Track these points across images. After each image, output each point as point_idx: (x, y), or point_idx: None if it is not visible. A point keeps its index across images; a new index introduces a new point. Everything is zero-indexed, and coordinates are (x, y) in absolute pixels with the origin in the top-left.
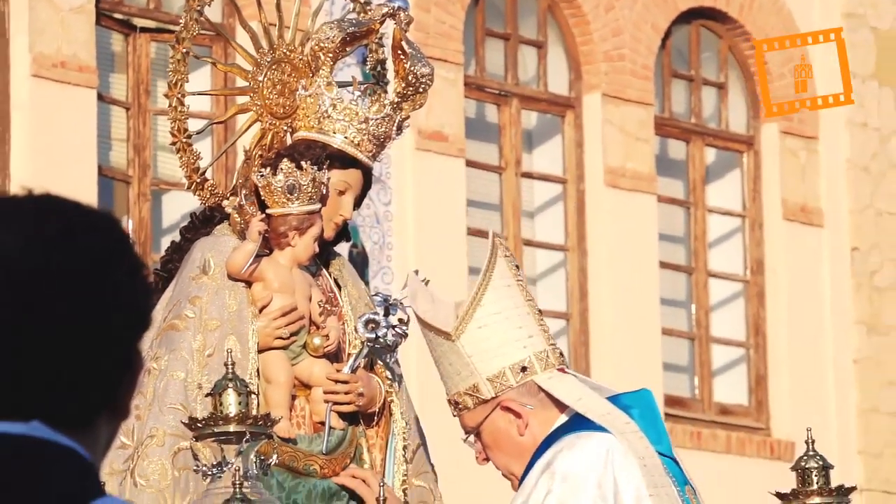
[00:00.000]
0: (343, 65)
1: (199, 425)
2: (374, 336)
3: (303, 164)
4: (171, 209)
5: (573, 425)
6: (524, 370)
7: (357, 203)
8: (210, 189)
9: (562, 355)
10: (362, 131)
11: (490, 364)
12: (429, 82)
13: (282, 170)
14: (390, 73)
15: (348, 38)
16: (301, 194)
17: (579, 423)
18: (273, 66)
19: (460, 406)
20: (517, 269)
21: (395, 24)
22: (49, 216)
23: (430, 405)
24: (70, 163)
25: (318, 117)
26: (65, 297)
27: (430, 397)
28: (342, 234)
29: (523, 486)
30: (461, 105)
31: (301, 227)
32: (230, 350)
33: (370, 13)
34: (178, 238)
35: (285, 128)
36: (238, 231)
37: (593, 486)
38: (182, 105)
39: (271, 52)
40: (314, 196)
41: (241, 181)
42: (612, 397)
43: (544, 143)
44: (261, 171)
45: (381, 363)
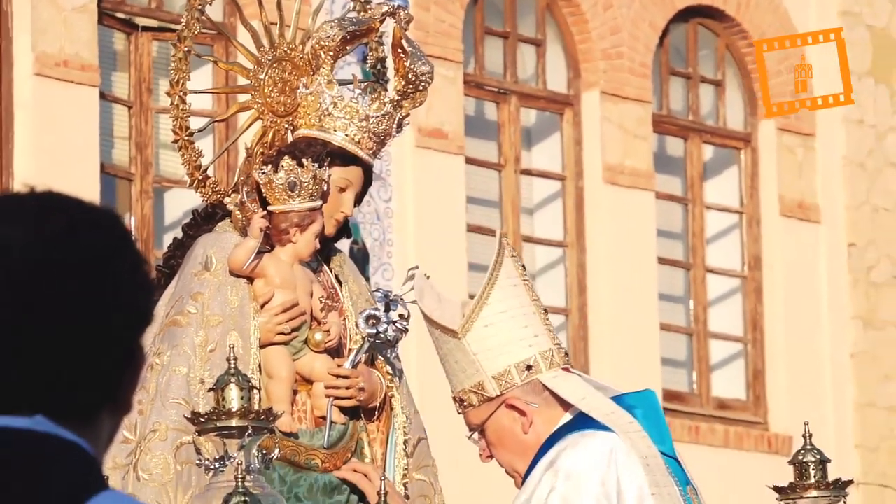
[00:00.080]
0: (343, 63)
1: (202, 420)
2: (374, 331)
3: (304, 161)
4: (173, 206)
5: (577, 424)
6: (529, 369)
7: (358, 200)
8: (212, 186)
9: (566, 355)
10: (363, 129)
11: (495, 362)
12: (428, 80)
13: (283, 167)
14: (390, 72)
15: (349, 37)
16: (302, 191)
17: (583, 421)
18: (274, 65)
19: (465, 403)
20: (523, 269)
21: (395, 22)
22: (52, 213)
23: (430, 400)
24: (73, 161)
25: (319, 115)
26: (67, 294)
27: (431, 392)
28: (343, 230)
29: (527, 484)
30: (461, 103)
31: (302, 223)
32: (232, 345)
33: (370, 12)
34: (180, 235)
35: (286, 125)
36: (240, 228)
37: (596, 485)
38: (184, 103)
39: (272, 50)
40: (315, 193)
41: (242, 178)
42: (616, 397)
43: (543, 141)
44: (262, 169)
45: (382, 358)
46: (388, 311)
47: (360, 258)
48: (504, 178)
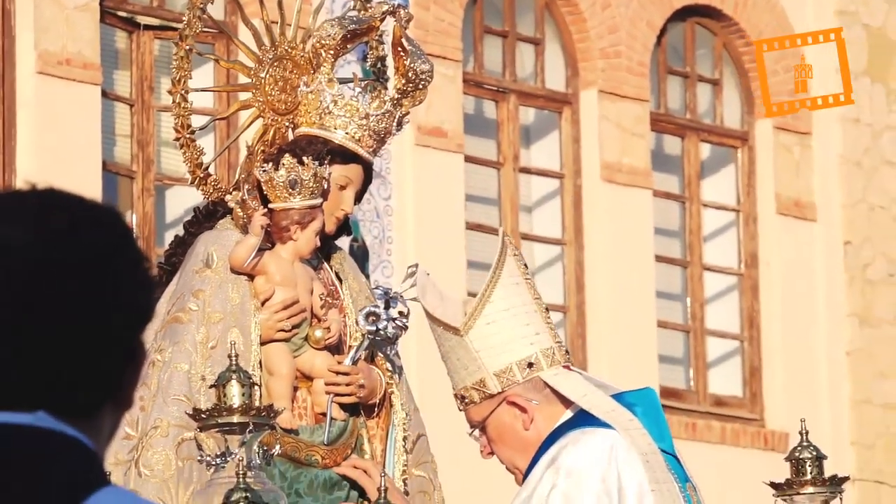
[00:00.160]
0: (344, 61)
1: (204, 416)
2: (374, 328)
3: (304, 159)
4: (174, 204)
5: (578, 421)
6: (531, 366)
7: (358, 198)
8: (213, 184)
9: (567, 353)
10: (363, 127)
11: (497, 359)
12: (428, 79)
13: (284, 165)
14: (390, 70)
15: (349, 36)
16: (303, 189)
17: (584, 419)
18: (275, 63)
19: (466, 400)
20: (525, 268)
21: (395, 21)
22: (53, 211)
23: (430, 397)
24: (75, 159)
25: (320, 113)
26: (69, 291)
27: (430, 389)
28: (343, 228)
29: (528, 480)
30: (460, 101)
31: (303, 221)
32: (233, 342)
33: (370, 11)
34: (181, 232)
35: (287, 124)
36: (241, 225)
37: (597, 481)
38: (185, 101)
39: (273, 49)
40: (315, 191)
41: (243, 176)
42: (616, 395)
43: (542, 139)
44: (263, 167)
45: (382, 355)
46: (387, 308)
47: (360, 256)
48: (503, 176)
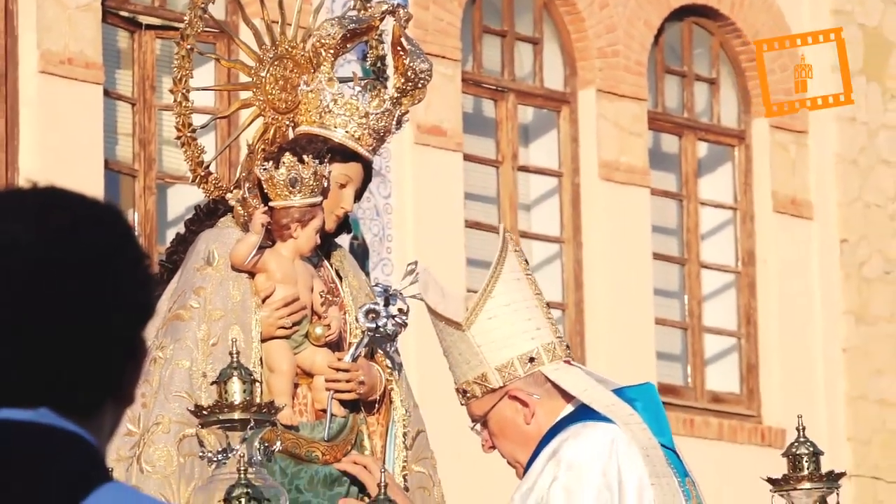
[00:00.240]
0: (344, 61)
1: (205, 413)
2: (374, 325)
3: (304, 157)
4: (175, 202)
5: (578, 415)
6: (532, 361)
7: (358, 196)
8: (214, 182)
9: (568, 347)
10: (363, 126)
11: (499, 354)
12: (427, 78)
13: (284, 163)
14: (390, 69)
15: (349, 35)
16: (303, 187)
17: (584, 413)
18: (275, 63)
19: (468, 395)
20: (526, 264)
21: (394, 21)
22: (54, 209)
23: (429, 393)
24: (77, 157)
25: (320, 112)
26: (70, 289)
27: (430, 385)
28: (343, 226)
29: (529, 473)
30: (459, 100)
31: (303, 219)
32: (234, 339)
33: (370, 10)
34: (182, 230)
35: (287, 122)
36: (241, 223)
37: (598, 475)
38: (186, 100)
39: (274, 48)
40: (316, 189)
41: (244, 174)
42: (617, 390)
43: (540, 138)
44: (263, 165)
45: (382, 352)
46: (387, 305)
47: (360, 253)
48: (502, 174)
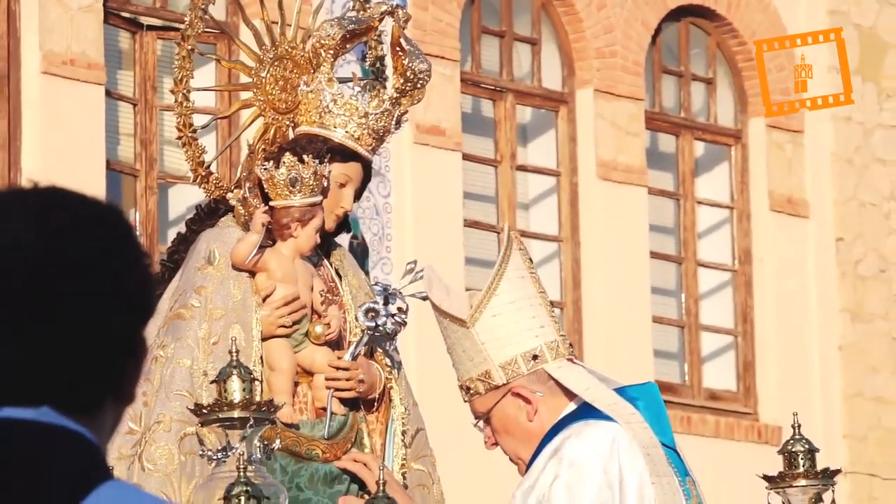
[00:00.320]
0: (343, 61)
1: (205, 411)
2: (374, 324)
3: (304, 157)
4: (177, 202)
5: (581, 413)
6: (535, 358)
7: (357, 195)
8: (215, 182)
9: (571, 346)
10: (362, 126)
11: (502, 351)
12: (426, 78)
13: (284, 163)
14: (389, 70)
15: (348, 36)
16: (303, 187)
17: (587, 411)
18: (275, 63)
19: (472, 391)
20: (531, 262)
21: (393, 21)
22: (55, 208)
23: (428, 391)
24: (79, 157)
25: (320, 112)
26: (71, 288)
27: (429, 384)
28: (343, 225)
29: (531, 471)
30: (458, 100)
31: (303, 218)
32: (234, 338)
33: (369, 11)
34: (184, 230)
35: (287, 122)
36: (242, 223)
37: (599, 473)
38: (187, 101)
39: (274, 48)
40: (316, 188)
41: (244, 174)
42: (619, 389)
43: (538, 138)
44: (264, 165)
45: (381, 351)
46: (386, 304)
47: (360, 252)
48: (500, 174)
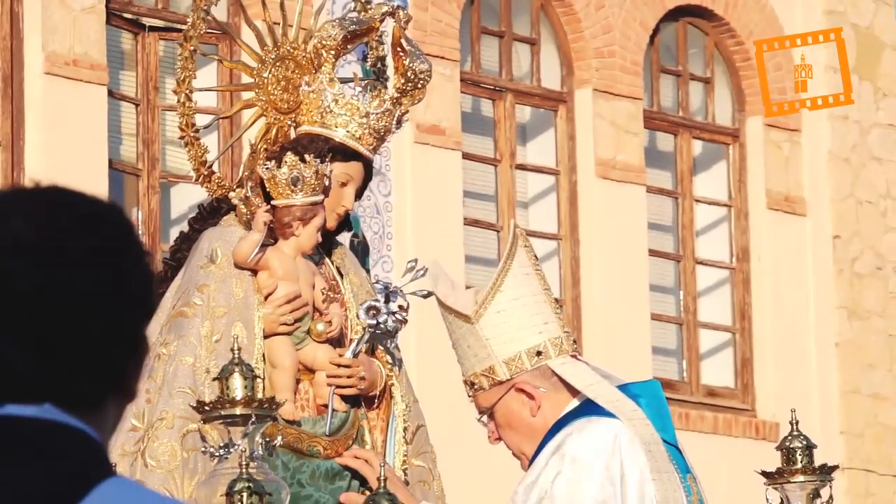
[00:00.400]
0: (344, 61)
1: (207, 408)
2: (375, 322)
3: (306, 157)
4: (179, 201)
5: (583, 410)
6: (539, 354)
7: (358, 194)
8: (217, 181)
9: (575, 343)
10: (363, 125)
11: (507, 347)
12: (427, 78)
13: (286, 162)
14: (390, 70)
15: (349, 36)
16: (305, 186)
17: (589, 407)
18: (277, 63)
19: (476, 386)
20: (536, 259)
21: (394, 22)
22: (58, 207)
23: (428, 388)
24: (82, 157)
25: (321, 112)
26: (73, 286)
27: (429, 381)
28: (344, 224)
29: (534, 466)
30: (458, 100)
31: (305, 217)
32: (237, 336)
33: (370, 12)
34: (186, 228)
35: (289, 122)
36: (244, 221)
37: (601, 469)
38: (190, 101)
39: (275, 49)
40: (317, 188)
41: (246, 174)
42: (622, 386)
43: (537, 137)
44: (266, 164)
45: (382, 348)
46: (387, 302)
47: (361, 251)
48: (500, 172)
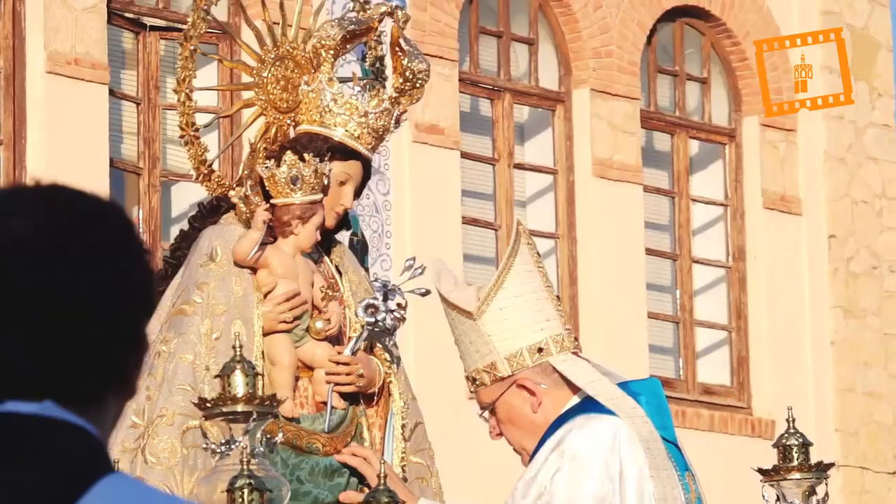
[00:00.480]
0: (343, 61)
1: (209, 406)
2: (373, 320)
3: (305, 156)
4: (179, 199)
5: (584, 407)
6: (540, 351)
7: (357, 193)
8: (217, 180)
9: (576, 340)
10: (362, 125)
11: (508, 343)
12: (425, 78)
13: (285, 161)
14: (388, 69)
15: (348, 36)
16: (304, 185)
17: (589, 405)
18: (277, 63)
19: (478, 382)
20: (538, 256)
21: (393, 22)
22: (59, 205)
23: (427, 386)
24: (83, 156)
25: (320, 111)
26: (73, 283)
27: (428, 378)
28: (343, 222)
29: (533, 462)
30: (456, 99)
31: (304, 216)
32: (238, 333)
33: (369, 12)
34: (186, 227)
35: (289, 121)
36: (244, 220)
37: (600, 467)
38: (190, 100)
39: (275, 49)
40: (316, 187)
41: (246, 172)
42: (622, 384)
43: (535, 136)
44: (265, 163)
45: (381, 346)
46: (386, 300)
47: (360, 249)
48: (498, 172)
